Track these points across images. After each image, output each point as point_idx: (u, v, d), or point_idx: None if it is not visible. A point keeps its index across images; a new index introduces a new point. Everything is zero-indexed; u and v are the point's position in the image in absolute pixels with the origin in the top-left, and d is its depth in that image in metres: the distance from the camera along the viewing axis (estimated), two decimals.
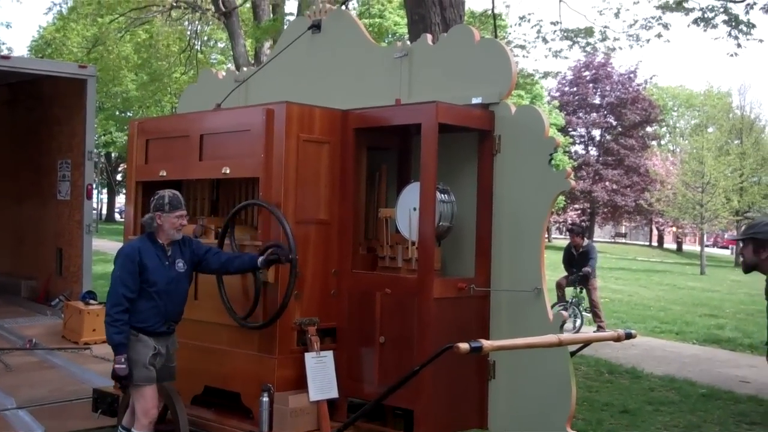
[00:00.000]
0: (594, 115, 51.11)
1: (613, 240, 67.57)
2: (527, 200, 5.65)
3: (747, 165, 36.75)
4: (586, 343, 5.55)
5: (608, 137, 51.19)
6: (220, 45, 38.12)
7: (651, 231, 63.18)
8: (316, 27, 7.02)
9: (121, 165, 55.55)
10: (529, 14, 17.02)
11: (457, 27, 6.68)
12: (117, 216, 58.61)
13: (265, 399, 5.63)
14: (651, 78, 53.08)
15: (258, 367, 5.85)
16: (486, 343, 4.37)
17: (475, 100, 5.85)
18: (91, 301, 10.23)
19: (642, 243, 66.33)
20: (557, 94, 51.25)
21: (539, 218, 5.63)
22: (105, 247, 25.90)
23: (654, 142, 54.89)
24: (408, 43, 6.58)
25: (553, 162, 5.65)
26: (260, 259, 5.61)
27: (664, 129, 59.39)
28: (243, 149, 5.98)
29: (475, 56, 5.94)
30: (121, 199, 64.04)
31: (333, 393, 5.84)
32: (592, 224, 53.78)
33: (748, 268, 4.81)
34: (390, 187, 6.43)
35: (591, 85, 50.53)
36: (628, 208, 49.89)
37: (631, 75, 50.17)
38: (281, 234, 5.63)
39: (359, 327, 5.95)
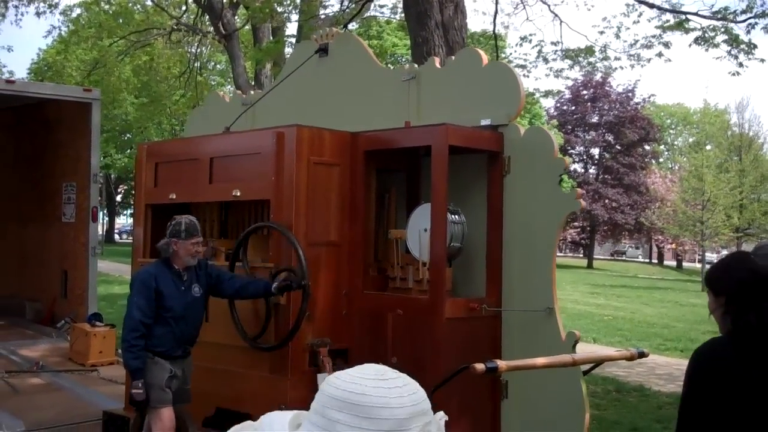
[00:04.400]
0: (593, 133, 51.25)
1: (612, 257, 67.56)
2: (537, 220, 5.68)
3: (746, 182, 36.84)
4: (599, 362, 5.56)
5: (607, 156, 51.29)
6: (219, 67, 38.30)
7: (651, 248, 63.17)
8: (323, 51, 7.08)
9: (121, 186, 55.66)
10: (531, 35, 17.21)
11: (465, 50, 6.75)
12: (116, 237, 58.61)
13: None
14: (649, 97, 52.98)
15: (270, 388, 5.86)
16: (501, 364, 4.41)
17: (484, 122, 5.90)
18: (98, 323, 10.21)
19: (642, 260, 66.34)
20: (555, 113, 51.42)
21: (550, 238, 5.67)
22: (106, 268, 25.85)
23: (652, 161, 54.99)
24: (415, 66, 6.63)
25: (563, 182, 5.69)
26: (274, 285, 5.62)
27: (662, 147, 59.52)
28: (253, 172, 6.02)
29: (483, 79, 5.99)
30: (120, 221, 64.12)
31: None
32: (592, 242, 53.82)
33: None
34: (399, 209, 6.46)
35: (589, 104, 50.70)
36: (628, 226, 49.93)
37: (629, 94, 50.35)
38: (293, 256, 5.67)
39: (371, 347, 5.96)
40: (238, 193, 6.11)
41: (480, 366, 4.31)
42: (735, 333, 2.87)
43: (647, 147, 52.46)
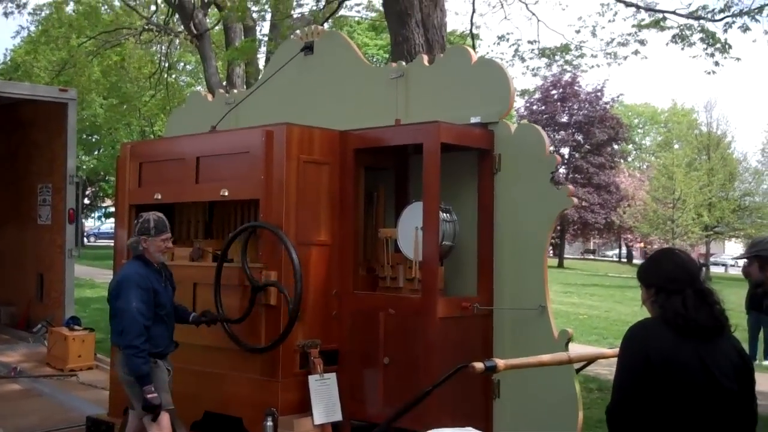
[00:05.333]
0: (562, 133, 51.43)
1: (582, 257, 67.97)
2: (529, 218, 5.66)
3: (715, 181, 37.23)
4: (593, 360, 5.54)
5: (577, 155, 51.55)
6: (189, 68, 38.01)
7: (620, 247, 63.65)
8: (308, 49, 7.02)
9: (89, 189, 54.97)
10: (508, 34, 17.15)
11: (453, 47, 6.72)
12: (84, 240, 57.90)
13: (269, 423, 5.54)
14: (618, 96, 53.29)
15: (261, 391, 5.79)
16: (500, 362, 4.36)
17: (474, 120, 5.88)
18: (76, 327, 10.07)
19: (611, 259, 66.80)
20: (525, 112, 51.60)
21: (542, 236, 5.65)
22: (76, 271, 25.48)
23: (621, 160, 55.40)
24: (403, 63, 6.59)
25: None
26: (192, 316, 5.79)
27: (630, 146, 59.98)
28: (242, 171, 5.95)
29: (472, 76, 5.97)
30: (89, 224, 63.34)
31: (337, 416, 5.79)
32: (562, 241, 54.09)
33: (755, 286, 4.87)
34: (387, 207, 6.42)
35: (559, 103, 50.91)
36: (598, 225, 50.24)
37: (598, 93, 50.62)
38: (283, 256, 5.60)
39: (362, 348, 5.92)
40: (226, 193, 6.03)
41: (479, 365, 4.26)
42: (664, 316, 3.18)
43: (616, 146, 52.82)
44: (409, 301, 5.73)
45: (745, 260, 4.94)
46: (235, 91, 8.21)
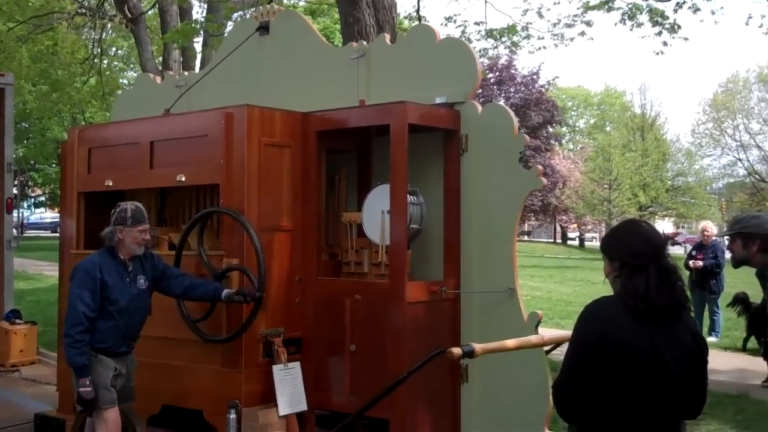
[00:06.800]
0: None
1: (518, 238, 68.61)
2: (497, 199, 5.57)
3: (649, 162, 37.86)
4: (562, 342, 5.48)
5: None
6: (120, 53, 37.19)
7: (555, 228, 64.43)
8: (263, 29, 6.80)
9: (17, 178, 53.48)
10: (456, 15, 16.93)
11: (417, 26, 6.59)
12: (14, 231, 56.36)
13: (233, 416, 5.36)
14: (553, 79, 53.70)
15: (222, 382, 5.60)
16: (477, 347, 4.23)
17: (439, 100, 5.74)
18: (17, 321, 9.71)
19: (546, 240, 67.62)
20: None
21: (510, 218, 5.56)
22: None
23: (556, 142, 56.00)
24: (364, 43, 6.43)
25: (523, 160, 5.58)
26: (224, 292, 5.39)
27: (564, 129, 60.69)
28: (200, 155, 5.73)
29: (437, 55, 5.83)
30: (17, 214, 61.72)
31: (302, 406, 5.64)
32: None
33: (738, 263, 4.83)
34: (349, 191, 6.26)
35: (495, 87, 51.16)
36: (534, 207, 50.74)
37: (534, 77, 51.00)
38: (245, 243, 5.42)
39: (327, 336, 5.76)
40: (183, 178, 5.80)
41: (457, 350, 4.15)
42: (624, 298, 3.09)
43: (551, 129, 53.35)
44: (376, 286, 5.59)
45: (728, 238, 4.90)
46: (186, 73, 7.93)
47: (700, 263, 11.77)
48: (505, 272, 5.54)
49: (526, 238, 70.14)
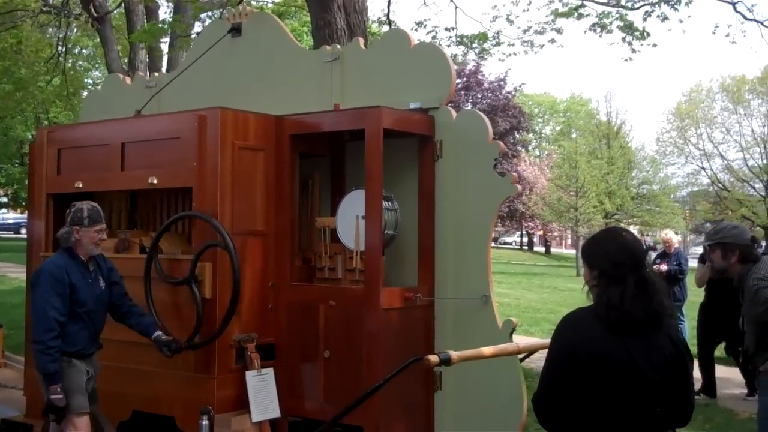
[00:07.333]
0: None
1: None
2: (472, 206, 5.56)
3: (615, 169, 38.07)
4: (536, 350, 5.47)
5: None
6: (85, 52, 36.73)
7: (522, 235, 64.70)
8: (236, 30, 6.74)
9: None
10: (426, 20, 16.90)
11: (391, 30, 6.57)
12: None
13: (205, 422, 5.29)
14: (520, 86, 53.91)
15: (195, 388, 5.53)
16: (454, 354, 4.23)
17: (414, 105, 5.72)
18: None
19: (511, 247, 67.90)
20: None
21: (485, 224, 5.56)
22: None
23: (522, 149, 56.26)
24: (338, 47, 6.38)
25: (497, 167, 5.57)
26: (155, 334, 5.33)
27: (531, 135, 60.99)
28: (173, 158, 5.65)
29: (411, 60, 5.81)
30: None
31: (275, 412, 5.59)
32: None
33: (717, 274, 4.84)
34: (323, 196, 6.22)
35: (463, 93, 51.31)
36: (501, 214, 50.91)
37: (501, 83, 51.21)
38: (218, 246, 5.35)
39: (300, 342, 5.71)
40: (155, 181, 5.72)
41: (434, 357, 4.13)
42: (597, 310, 3.06)
43: (518, 135, 53.59)
44: (350, 292, 5.55)
45: (707, 248, 4.90)
46: (156, 74, 7.84)
47: (664, 267, 11.84)
48: (479, 279, 5.53)
49: (493, 244, 70.51)
